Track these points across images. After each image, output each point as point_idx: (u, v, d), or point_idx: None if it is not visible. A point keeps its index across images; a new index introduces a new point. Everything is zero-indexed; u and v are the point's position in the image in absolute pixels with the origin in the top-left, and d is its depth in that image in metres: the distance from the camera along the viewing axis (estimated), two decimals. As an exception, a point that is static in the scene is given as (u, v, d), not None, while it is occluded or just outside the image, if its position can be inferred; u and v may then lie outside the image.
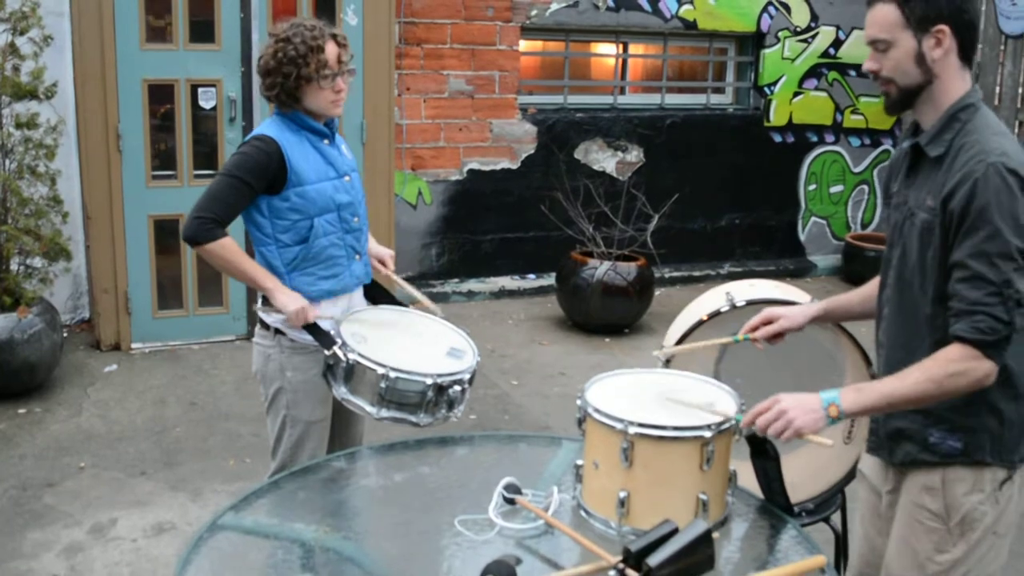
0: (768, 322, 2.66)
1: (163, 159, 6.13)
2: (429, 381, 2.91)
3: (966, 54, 2.25)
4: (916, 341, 2.28)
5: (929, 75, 2.24)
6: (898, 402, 2.20)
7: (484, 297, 7.54)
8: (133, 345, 6.14)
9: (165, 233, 6.17)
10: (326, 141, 3.17)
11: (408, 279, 4.05)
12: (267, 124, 3.13)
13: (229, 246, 3.04)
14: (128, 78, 5.83)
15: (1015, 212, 2.10)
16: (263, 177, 3.02)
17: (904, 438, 2.35)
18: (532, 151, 7.66)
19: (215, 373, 5.86)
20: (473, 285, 7.60)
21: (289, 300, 3.04)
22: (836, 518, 3.36)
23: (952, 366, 2.13)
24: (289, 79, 3.03)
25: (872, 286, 2.57)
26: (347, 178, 3.20)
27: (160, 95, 6.05)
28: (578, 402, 2.39)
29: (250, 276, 3.08)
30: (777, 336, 2.65)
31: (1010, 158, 2.13)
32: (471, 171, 7.53)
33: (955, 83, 2.25)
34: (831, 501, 3.28)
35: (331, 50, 3.07)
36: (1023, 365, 2.24)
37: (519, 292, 7.69)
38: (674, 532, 2.08)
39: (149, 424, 5.14)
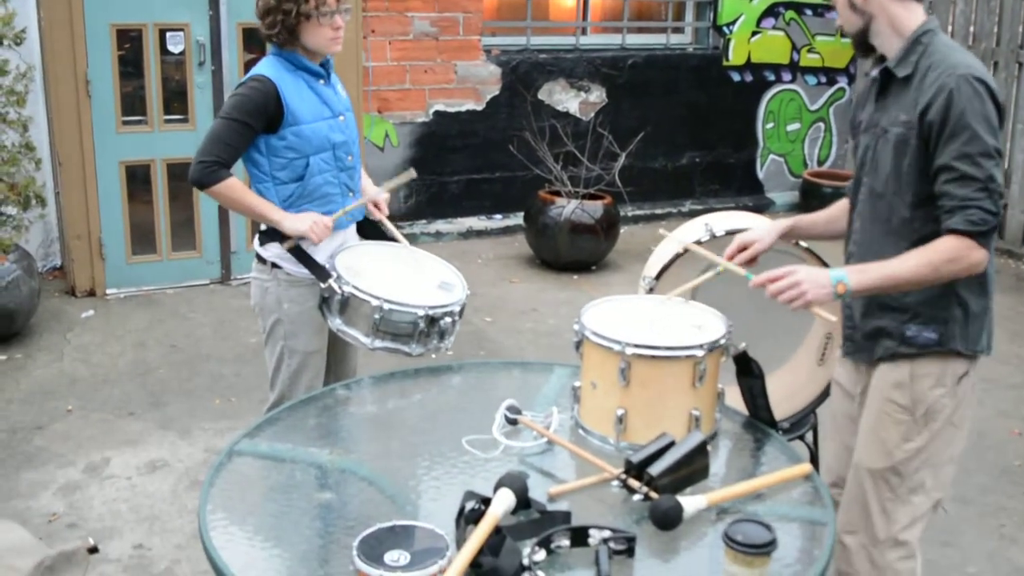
0: (742, 249, 2.78)
1: (132, 104, 6.13)
2: (421, 312, 3.04)
3: None
4: (889, 246, 2.49)
5: (865, 16, 2.52)
6: (897, 282, 2.42)
7: (452, 238, 7.65)
8: (108, 291, 6.17)
9: (137, 178, 6.18)
10: (321, 81, 3.26)
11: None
12: (263, 64, 3.20)
13: (235, 185, 3.14)
14: (95, 23, 5.80)
15: (987, 115, 2.35)
16: (262, 117, 3.11)
17: (884, 335, 2.57)
18: (497, 92, 7.73)
19: (192, 316, 5.93)
20: (441, 226, 7.69)
21: (300, 221, 3.16)
22: (809, 437, 3.55)
23: (949, 253, 2.36)
24: (290, 16, 3.10)
25: (836, 208, 2.83)
26: (341, 118, 3.30)
27: (128, 42, 6.04)
28: (575, 327, 2.52)
29: (257, 211, 3.18)
30: (752, 260, 2.78)
31: (975, 69, 2.38)
32: (437, 113, 7.59)
33: (900, 16, 2.49)
34: (804, 420, 3.46)
35: None
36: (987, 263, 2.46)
37: (486, 232, 7.79)
38: (671, 444, 2.24)
39: (132, 367, 5.22)
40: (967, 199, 2.34)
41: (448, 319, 3.13)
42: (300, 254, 3.20)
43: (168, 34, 6.06)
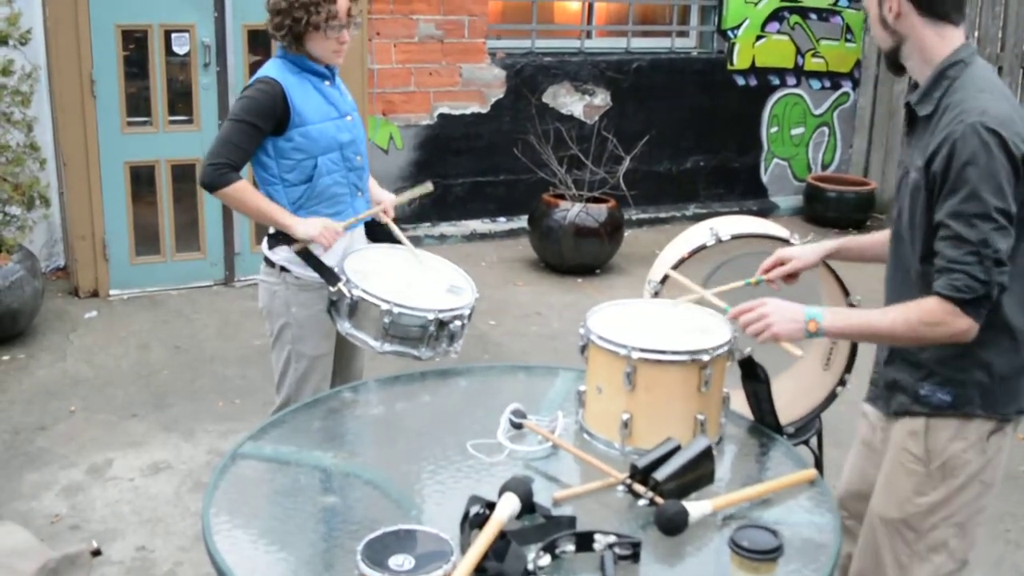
0: (781, 263, 2.73)
1: (137, 105, 6.13)
2: (431, 316, 3.03)
3: (932, 10, 2.27)
4: (907, 296, 2.34)
5: (897, 37, 2.33)
6: (873, 334, 2.32)
7: (456, 240, 7.64)
8: (111, 291, 6.17)
9: (141, 179, 6.19)
10: (327, 83, 3.26)
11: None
12: (270, 66, 3.21)
13: (245, 188, 3.14)
14: (101, 23, 5.81)
15: (993, 171, 2.13)
16: (270, 118, 3.11)
17: (898, 389, 2.44)
18: (501, 95, 7.72)
19: (196, 318, 5.92)
20: (445, 229, 7.69)
21: (310, 226, 3.16)
22: (814, 443, 3.53)
23: (927, 316, 2.20)
24: (299, 23, 3.10)
25: (887, 232, 2.61)
26: (348, 118, 3.30)
27: (133, 41, 6.04)
28: (581, 331, 2.52)
29: (267, 215, 3.18)
30: (792, 276, 2.73)
31: (990, 117, 2.15)
32: (442, 115, 7.59)
33: (931, 42, 2.29)
34: (809, 426, 3.45)
35: (342, 3, 3.16)
36: (1020, 319, 2.30)
37: (490, 235, 7.79)
38: (677, 449, 2.24)
39: (135, 368, 5.21)
40: (955, 261, 2.16)
41: (458, 322, 3.13)
42: (309, 257, 3.20)
43: (173, 35, 6.07)
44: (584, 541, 1.98)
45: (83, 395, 4.89)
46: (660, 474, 2.16)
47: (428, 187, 3.58)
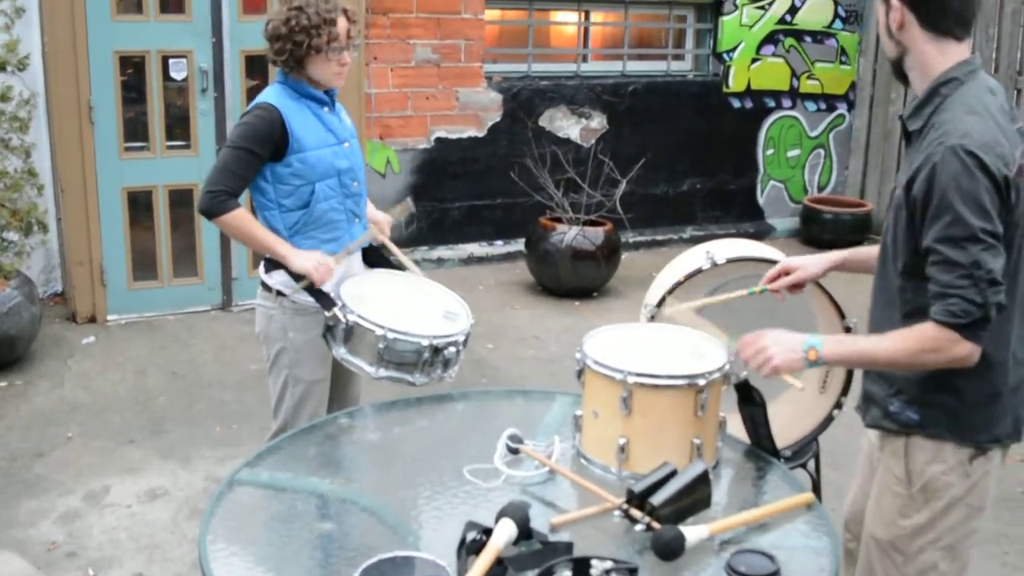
0: (786, 273, 2.74)
1: (135, 130, 6.15)
2: (426, 342, 3.03)
3: (934, 24, 2.26)
4: (888, 310, 2.37)
5: (900, 48, 2.33)
6: (872, 361, 2.32)
7: (453, 264, 7.65)
8: (109, 317, 6.17)
9: (139, 204, 6.20)
10: (326, 109, 3.28)
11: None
12: (268, 92, 3.23)
13: (243, 216, 3.16)
14: (99, 49, 5.83)
15: (975, 194, 2.11)
16: (268, 144, 3.13)
17: (872, 402, 2.45)
18: (498, 119, 7.75)
19: (193, 343, 5.92)
20: (442, 252, 7.70)
21: (306, 259, 3.16)
22: (811, 466, 3.53)
23: (927, 343, 2.17)
24: (301, 47, 3.13)
25: None
26: (346, 144, 3.32)
27: (131, 67, 6.07)
28: (577, 355, 2.52)
29: (264, 244, 3.19)
30: (797, 286, 2.73)
31: (971, 139, 2.13)
32: (438, 139, 7.61)
33: (931, 56, 2.28)
34: (806, 449, 3.44)
35: (342, 24, 3.18)
36: (996, 347, 2.27)
37: (488, 258, 7.80)
38: (673, 473, 2.23)
39: (132, 393, 5.21)
40: (949, 286, 2.13)
41: (452, 349, 3.12)
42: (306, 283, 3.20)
43: (171, 61, 6.09)
44: (581, 567, 1.97)
45: (80, 421, 4.88)
46: (657, 499, 2.16)
47: (407, 203, 3.63)
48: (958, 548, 2.39)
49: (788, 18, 8.68)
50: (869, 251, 2.69)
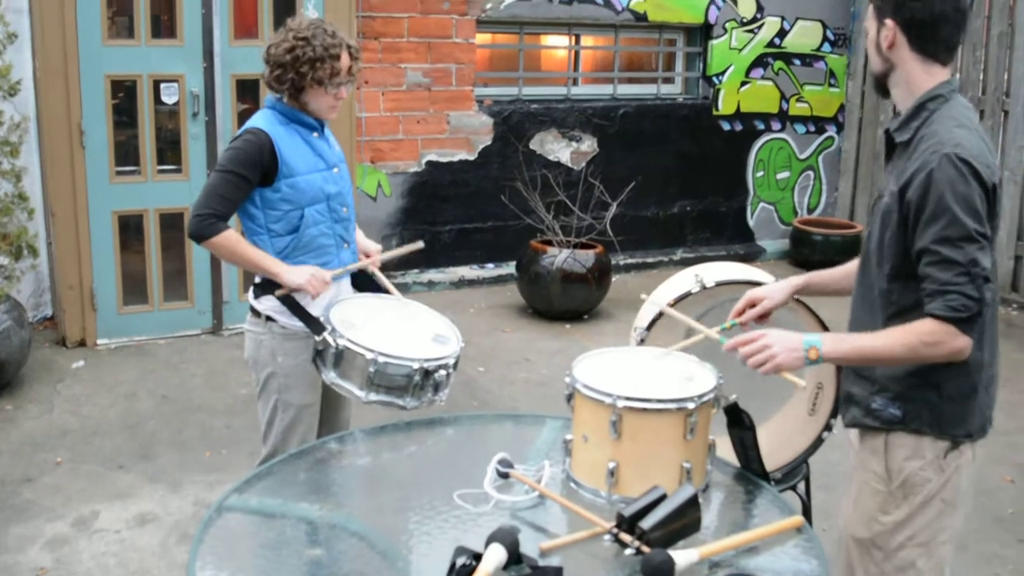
0: (752, 304, 2.79)
1: (126, 154, 6.16)
2: (416, 365, 3.03)
3: (923, 48, 2.40)
4: (871, 315, 2.47)
5: (888, 64, 2.46)
6: (872, 357, 2.38)
7: (444, 287, 7.66)
8: (99, 341, 6.16)
9: (129, 228, 6.20)
10: (315, 134, 3.30)
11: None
12: (259, 117, 3.24)
13: (233, 238, 3.16)
14: (90, 74, 5.85)
15: (968, 198, 2.26)
16: (257, 169, 3.14)
17: (852, 402, 2.55)
18: (489, 142, 7.78)
19: (184, 367, 5.91)
20: (433, 275, 7.71)
21: (298, 275, 3.17)
22: (801, 488, 3.53)
23: (927, 336, 2.28)
24: (303, 78, 3.15)
25: (853, 264, 2.75)
26: (336, 169, 3.33)
27: (122, 91, 6.08)
28: (567, 379, 2.52)
29: (256, 263, 3.19)
30: (763, 316, 2.78)
31: (964, 148, 2.28)
32: (429, 163, 7.64)
33: (917, 75, 2.42)
34: (796, 472, 3.45)
35: (345, 60, 3.20)
36: (974, 346, 2.35)
37: (479, 281, 7.81)
38: (663, 497, 2.23)
39: (122, 418, 5.19)
40: (948, 283, 2.26)
41: (443, 372, 3.11)
42: (294, 306, 3.20)
43: (162, 85, 6.11)
44: (570, 592, 1.97)
45: (70, 446, 4.86)
46: (646, 523, 2.16)
47: (419, 245, 3.63)
48: (932, 545, 2.46)
49: (777, 41, 8.74)
50: (829, 273, 2.84)
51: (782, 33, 8.74)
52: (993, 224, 2.33)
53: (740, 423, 2.57)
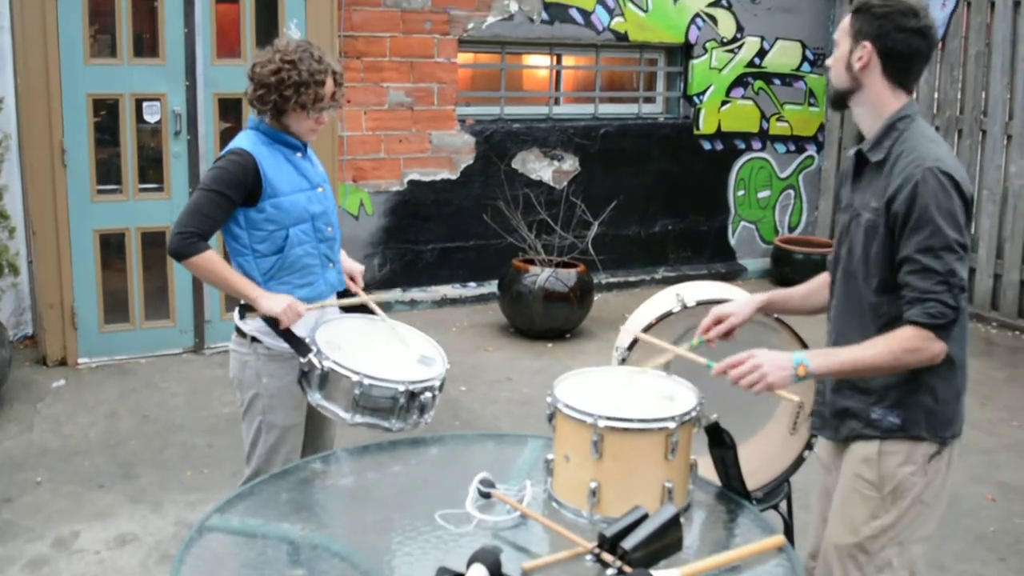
0: (718, 322, 2.83)
1: (108, 173, 6.14)
2: (401, 388, 3.03)
3: (895, 76, 2.53)
4: (859, 328, 2.54)
5: (856, 82, 2.55)
6: (859, 368, 2.45)
7: (427, 306, 7.66)
8: (80, 360, 6.13)
9: (111, 247, 6.19)
10: (299, 154, 3.30)
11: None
12: (242, 137, 3.24)
13: (212, 258, 3.15)
14: (72, 93, 5.84)
15: (951, 209, 2.38)
16: (241, 189, 3.13)
17: (850, 416, 2.61)
18: (471, 161, 7.80)
19: (165, 386, 5.89)
20: (415, 294, 7.71)
21: (275, 303, 3.15)
22: (783, 507, 3.54)
23: (908, 343, 2.39)
24: (287, 102, 3.15)
25: (815, 283, 2.86)
26: (320, 189, 3.33)
27: (104, 109, 6.07)
28: (548, 399, 2.53)
29: (234, 287, 3.19)
30: (728, 333, 2.83)
31: (944, 163, 2.40)
32: (411, 182, 7.65)
33: (886, 98, 2.54)
34: (777, 491, 3.46)
35: (329, 86, 3.21)
36: (957, 349, 2.49)
37: (461, 300, 7.82)
38: (644, 517, 2.24)
39: (103, 438, 5.17)
40: (927, 292, 2.37)
41: (428, 394, 3.12)
42: (280, 328, 3.19)
43: (145, 104, 6.11)
44: (552, 612, 1.98)
45: (50, 466, 4.83)
46: (628, 543, 2.17)
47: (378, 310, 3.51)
48: (907, 543, 2.56)
49: (757, 61, 8.81)
50: (792, 291, 2.91)
51: (762, 53, 8.81)
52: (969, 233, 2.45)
53: (721, 442, 2.59)
